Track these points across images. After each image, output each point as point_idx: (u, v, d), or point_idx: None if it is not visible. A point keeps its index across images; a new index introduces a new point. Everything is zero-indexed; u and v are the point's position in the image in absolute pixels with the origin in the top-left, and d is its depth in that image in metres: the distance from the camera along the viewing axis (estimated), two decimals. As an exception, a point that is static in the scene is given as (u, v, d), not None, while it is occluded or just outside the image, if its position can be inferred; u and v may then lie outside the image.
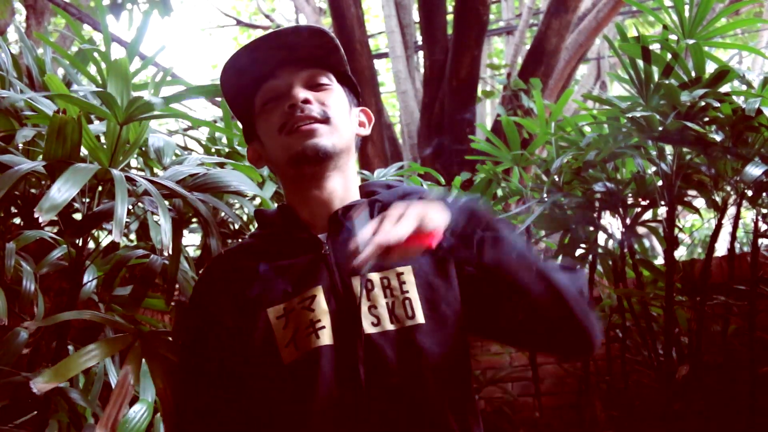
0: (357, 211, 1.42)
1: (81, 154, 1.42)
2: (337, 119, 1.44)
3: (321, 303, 1.33)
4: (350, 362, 1.28)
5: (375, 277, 1.35)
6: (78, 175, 1.25)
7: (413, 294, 1.34)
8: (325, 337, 1.30)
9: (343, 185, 1.48)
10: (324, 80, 1.48)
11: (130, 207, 1.89)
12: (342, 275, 1.36)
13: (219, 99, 2.49)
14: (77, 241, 1.61)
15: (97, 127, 1.73)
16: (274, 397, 1.32)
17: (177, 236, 1.45)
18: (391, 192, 1.51)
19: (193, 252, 3.11)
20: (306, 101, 1.42)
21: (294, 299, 1.35)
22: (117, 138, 1.47)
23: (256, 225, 1.58)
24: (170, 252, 1.49)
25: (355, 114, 1.55)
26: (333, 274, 1.36)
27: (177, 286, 1.58)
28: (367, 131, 1.57)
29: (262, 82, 1.48)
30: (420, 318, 1.32)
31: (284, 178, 1.51)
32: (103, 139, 1.76)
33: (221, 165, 1.94)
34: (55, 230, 2.15)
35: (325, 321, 1.32)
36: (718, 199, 2.73)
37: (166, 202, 1.40)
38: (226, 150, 2.66)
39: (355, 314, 1.31)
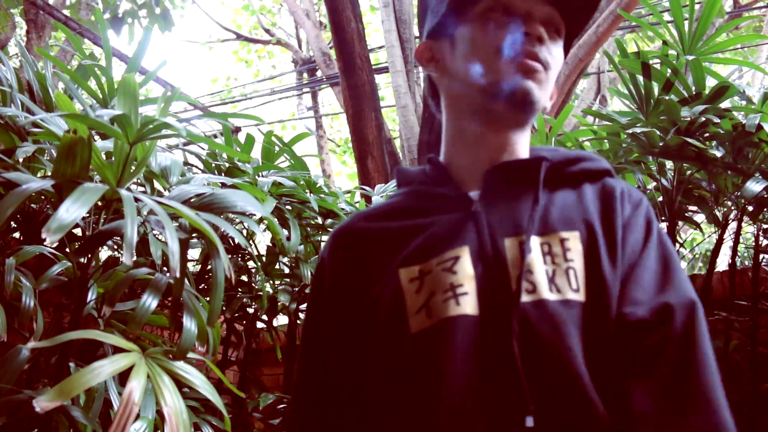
0: (521, 170, 1.23)
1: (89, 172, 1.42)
2: (552, 74, 1.24)
3: (465, 266, 1.13)
4: (500, 337, 1.06)
5: (534, 241, 1.14)
6: (86, 195, 1.25)
7: (578, 264, 1.12)
8: (467, 306, 1.10)
9: (518, 143, 1.27)
10: (560, 28, 1.26)
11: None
12: (493, 237, 1.16)
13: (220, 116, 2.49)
14: (82, 259, 1.61)
15: (104, 144, 1.73)
16: (397, 372, 1.13)
17: (182, 255, 1.44)
18: (563, 153, 1.30)
19: (192, 267, 3.11)
20: (540, 39, 1.21)
21: (432, 260, 1.16)
22: (126, 157, 1.47)
23: (396, 185, 1.40)
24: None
25: None
26: (483, 235, 1.16)
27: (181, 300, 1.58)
28: (550, 102, 1.31)
29: None
30: (583, 294, 1.09)
31: (460, 105, 1.29)
32: (105, 155, 1.77)
33: (224, 184, 1.94)
34: (55, 245, 2.15)
35: (469, 287, 1.11)
36: (718, 214, 2.73)
37: (174, 223, 1.40)
38: (226, 165, 2.66)
39: (506, 280, 1.10)
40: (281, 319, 3.79)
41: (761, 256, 2.72)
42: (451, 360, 1.07)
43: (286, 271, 3.10)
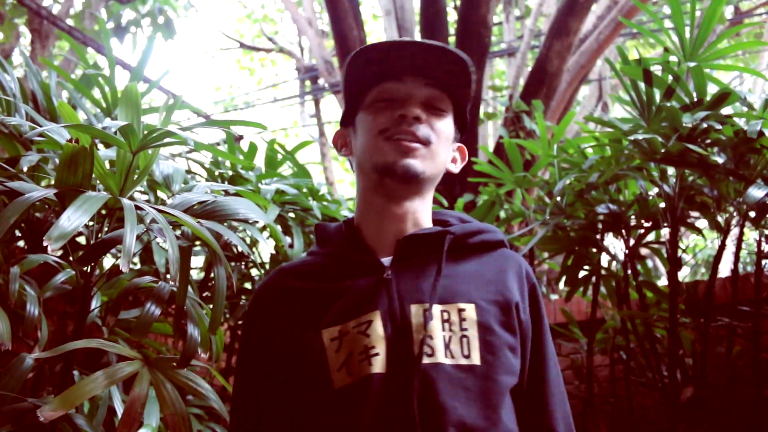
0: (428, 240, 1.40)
1: (91, 181, 1.43)
2: (437, 147, 1.41)
3: (377, 329, 1.29)
4: (403, 393, 1.23)
5: (436, 309, 1.31)
6: (88, 203, 1.26)
7: (472, 333, 1.30)
8: (378, 365, 1.26)
9: (418, 211, 1.44)
10: (442, 105, 1.44)
11: (138, 233, 1.89)
12: (402, 302, 1.32)
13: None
14: (85, 268, 1.61)
15: (106, 153, 1.74)
16: (321, 423, 1.29)
17: (185, 263, 1.45)
18: (465, 226, 1.47)
19: (196, 275, 3.11)
20: (417, 119, 1.38)
21: (350, 322, 1.31)
22: (129, 166, 1.48)
23: (315, 241, 1.55)
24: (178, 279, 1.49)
25: (453, 148, 1.51)
26: (393, 301, 1.32)
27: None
28: (456, 168, 1.52)
29: (384, 79, 1.44)
30: (476, 359, 1.28)
31: (364, 181, 1.47)
32: (108, 164, 1.77)
33: (227, 191, 1.95)
34: (59, 254, 2.15)
35: (380, 348, 1.28)
36: (720, 220, 2.73)
37: (176, 231, 1.40)
38: (230, 173, 2.67)
39: (410, 343, 1.27)
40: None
41: (763, 261, 2.71)
42: (367, 411, 1.24)
43: (289, 278, 3.10)
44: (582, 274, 3.14)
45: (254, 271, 2.98)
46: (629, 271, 2.98)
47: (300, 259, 1.60)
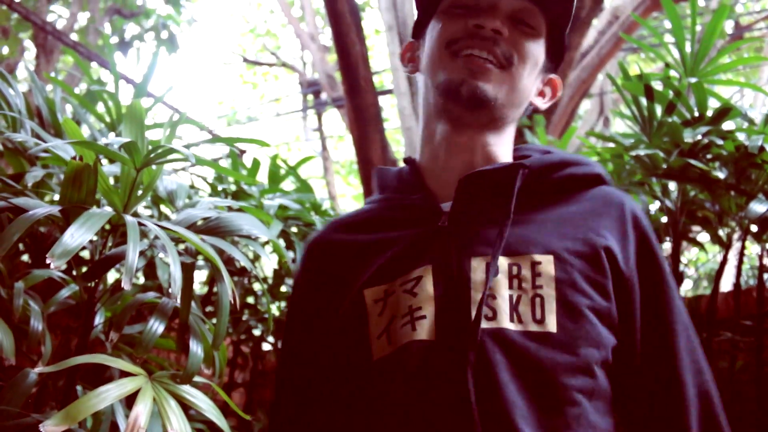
0: (494, 177, 1.11)
1: (96, 196, 1.44)
2: (518, 71, 1.13)
3: (427, 287, 1.04)
4: (453, 367, 0.96)
5: (502, 261, 1.03)
6: (91, 220, 1.27)
7: (548, 292, 1.01)
8: (423, 331, 1.01)
9: (491, 147, 1.17)
10: (533, 22, 1.16)
11: (142, 249, 1.90)
12: (460, 255, 1.05)
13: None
14: (89, 283, 1.62)
15: (111, 168, 1.75)
16: (359, 402, 1.07)
17: (188, 279, 1.45)
18: (546, 158, 1.17)
19: (199, 290, 3.12)
20: (498, 32, 1.11)
21: (397, 280, 1.07)
22: (133, 182, 1.49)
23: (375, 187, 1.30)
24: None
25: (541, 80, 1.23)
26: (448, 253, 1.06)
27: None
28: (544, 104, 1.24)
29: None
30: (551, 325, 0.99)
31: (427, 105, 1.20)
32: (113, 179, 1.79)
33: (230, 207, 1.96)
34: (64, 269, 2.16)
35: (427, 310, 1.02)
36: (722, 234, 2.73)
37: (179, 246, 1.41)
38: (233, 188, 2.68)
39: (466, 305, 1.00)
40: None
41: (766, 275, 2.71)
42: (403, 389, 1.00)
43: (292, 293, 3.10)
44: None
45: (257, 286, 2.98)
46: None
47: (358, 208, 1.32)
